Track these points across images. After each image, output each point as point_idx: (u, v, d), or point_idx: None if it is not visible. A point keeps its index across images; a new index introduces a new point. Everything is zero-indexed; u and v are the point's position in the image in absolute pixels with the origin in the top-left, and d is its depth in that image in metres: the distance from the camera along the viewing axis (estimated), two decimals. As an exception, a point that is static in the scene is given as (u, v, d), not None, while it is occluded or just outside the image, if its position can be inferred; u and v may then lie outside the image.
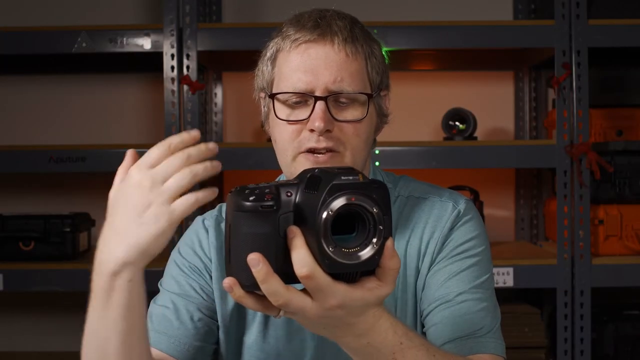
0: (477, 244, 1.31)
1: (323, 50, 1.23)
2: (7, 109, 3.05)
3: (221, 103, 3.05)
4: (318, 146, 1.23)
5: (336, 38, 1.24)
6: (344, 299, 0.91)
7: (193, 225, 1.38)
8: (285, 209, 0.92)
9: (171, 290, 1.32)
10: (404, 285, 1.29)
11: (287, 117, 1.25)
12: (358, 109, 1.26)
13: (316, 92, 1.23)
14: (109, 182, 1.06)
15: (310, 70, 1.23)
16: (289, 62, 1.25)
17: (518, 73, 3.05)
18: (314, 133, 1.23)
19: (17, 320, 3.04)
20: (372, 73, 1.28)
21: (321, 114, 1.22)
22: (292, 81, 1.24)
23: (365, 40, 1.28)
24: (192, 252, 1.34)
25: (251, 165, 2.44)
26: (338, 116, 1.24)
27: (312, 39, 1.24)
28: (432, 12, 2.96)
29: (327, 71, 1.22)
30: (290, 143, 1.25)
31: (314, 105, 1.23)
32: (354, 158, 1.26)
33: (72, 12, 3.00)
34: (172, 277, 1.34)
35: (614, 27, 2.48)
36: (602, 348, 2.59)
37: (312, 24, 1.25)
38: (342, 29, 1.25)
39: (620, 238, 2.56)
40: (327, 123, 1.22)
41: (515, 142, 2.90)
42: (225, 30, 2.54)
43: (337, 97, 1.24)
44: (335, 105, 1.24)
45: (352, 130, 1.25)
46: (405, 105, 3.02)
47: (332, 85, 1.23)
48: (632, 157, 2.54)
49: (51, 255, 2.55)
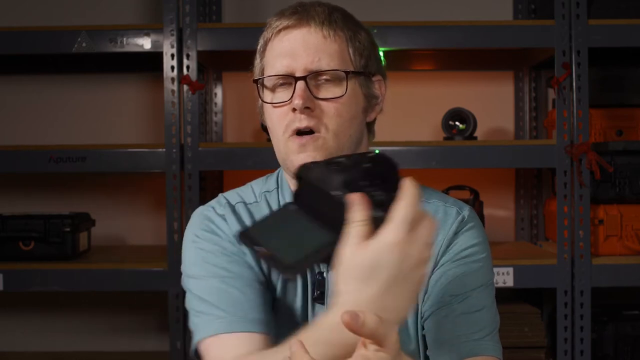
0: (480, 250, 1.31)
1: (300, 33, 1.28)
2: (7, 109, 3.05)
3: (221, 103, 3.05)
4: (300, 125, 1.26)
5: (312, 22, 1.28)
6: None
7: (200, 219, 1.34)
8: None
9: (223, 277, 1.26)
10: None
11: (272, 100, 1.30)
12: (338, 87, 1.28)
13: (296, 74, 1.27)
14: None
15: (290, 53, 1.28)
16: (272, 50, 1.31)
17: (518, 73, 3.05)
18: (297, 112, 1.26)
19: (17, 320, 3.04)
20: (355, 55, 1.31)
21: (300, 92, 1.25)
22: (275, 66, 1.29)
23: (346, 25, 1.31)
24: (218, 238, 1.31)
25: (251, 165, 2.44)
26: (318, 94, 1.27)
27: (290, 24, 1.29)
28: (432, 12, 2.96)
29: (304, 52, 1.27)
30: (280, 127, 1.29)
31: (295, 86, 1.27)
32: (338, 139, 1.28)
33: (72, 12, 3.00)
34: (216, 267, 1.28)
35: (614, 27, 2.48)
36: (602, 348, 2.60)
37: (291, 11, 1.30)
38: (319, 14, 1.29)
39: (620, 238, 2.56)
40: (305, 100, 1.25)
41: (515, 142, 2.90)
42: (225, 30, 2.55)
43: (316, 76, 1.27)
44: (316, 84, 1.28)
45: (333, 109, 1.27)
46: (405, 105, 3.02)
47: (311, 65, 1.27)
48: (632, 157, 2.54)
49: (51, 255, 2.55)
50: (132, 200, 3.04)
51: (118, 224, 3.04)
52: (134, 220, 3.04)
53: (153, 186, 3.03)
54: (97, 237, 2.88)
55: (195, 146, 2.48)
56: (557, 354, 2.49)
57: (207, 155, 2.49)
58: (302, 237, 1.04)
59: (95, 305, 3.02)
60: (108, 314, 3.04)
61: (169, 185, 2.49)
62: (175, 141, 2.48)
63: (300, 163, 1.23)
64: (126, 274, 2.50)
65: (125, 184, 3.04)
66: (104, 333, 3.02)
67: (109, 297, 3.00)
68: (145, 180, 3.04)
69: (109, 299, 3.01)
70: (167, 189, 2.49)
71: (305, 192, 1.08)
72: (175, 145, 2.48)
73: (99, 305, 3.02)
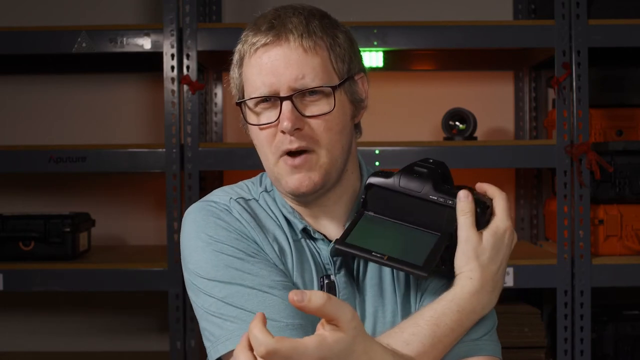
0: None
1: (280, 50, 1.23)
2: (7, 109, 3.05)
3: (221, 103, 3.06)
4: (291, 147, 1.23)
5: (291, 36, 1.23)
6: (320, 352, 0.94)
7: (207, 216, 1.28)
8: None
9: (251, 285, 1.21)
10: (407, 286, 1.30)
11: (258, 122, 1.26)
12: (325, 103, 1.24)
13: (280, 93, 1.23)
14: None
15: (271, 72, 1.22)
16: (251, 67, 1.25)
17: (518, 73, 3.05)
18: (286, 134, 1.23)
19: (17, 320, 3.05)
20: (337, 63, 1.27)
21: (288, 114, 1.21)
22: (256, 86, 1.24)
23: (324, 31, 1.26)
24: (236, 240, 1.26)
25: (251, 165, 2.44)
26: (306, 112, 1.23)
27: (268, 42, 1.23)
28: (432, 12, 2.96)
29: (287, 70, 1.22)
30: (268, 148, 1.26)
31: (281, 106, 1.22)
32: (331, 154, 1.25)
33: (72, 12, 3.01)
34: (243, 273, 1.23)
35: (614, 27, 2.48)
36: (602, 348, 2.60)
37: (267, 26, 1.24)
38: (297, 26, 1.24)
39: (620, 238, 2.56)
40: (295, 121, 1.22)
41: (515, 142, 2.90)
42: (225, 30, 2.54)
43: (303, 94, 1.23)
44: (302, 102, 1.23)
45: (322, 125, 1.24)
46: (405, 105, 3.02)
47: (295, 83, 1.22)
48: (632, 157, 2.54)
49: (51, 255, 2.55)
50: (132, 200, 3.04)
51: (118, 224, 3.04)
52: (134, 220, 3.04)
53: (153, 186, 3.03)
54: (97, 237, 2.88)
55: (195, 146, 2.48)
56: (557, 354, 2.50)
57: (207, 155, 2.49)
58: (413, 239, 1.21)
59: (95, 305, 3.02)
60: (108, 314, 3.04)
61: (169, 185, 2.49)
62: (175, 141, 2.49)
63: (295, 184, 1.24)
64: (126, 274, 2.50)
65: (125, 184, 3.04)
66: (104, 333, 3.02)
67: (109, 297, 3.01)
68: (145, 180, 3.04)
69: (109, 299, 3.01)
70: (167, 189, 2.49)
71: (385, 199, 1.24)
72: (175, 145, 2.48)
73: (99, 305, 3.02)
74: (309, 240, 1.30)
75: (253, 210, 1.31)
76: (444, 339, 1.16)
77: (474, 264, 1.19)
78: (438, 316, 1.16)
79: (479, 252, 1.19)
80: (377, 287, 1.29)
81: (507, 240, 1.23)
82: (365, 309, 1.28)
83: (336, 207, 1.31)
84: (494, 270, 1.21)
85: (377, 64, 2.80)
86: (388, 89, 3.00)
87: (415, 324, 1.16)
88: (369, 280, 1.29)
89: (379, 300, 1.28)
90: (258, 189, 1.35)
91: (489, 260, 1.20)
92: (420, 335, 1.15)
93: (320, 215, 1.31)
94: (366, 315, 1.28)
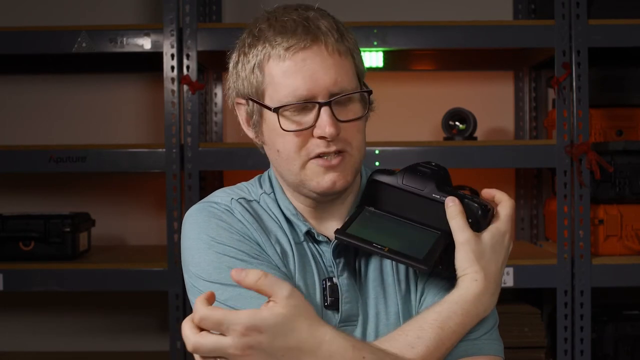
0: None
1: (319, 54, 1.21)
2: (7, 109, 3.05)
3: (221, 103, 3.06)
4: (328, 150, 1.22)
5: (329, 40, 1.22)
6: (251, 320, 0.98)
7: (208, 217, 1.28)
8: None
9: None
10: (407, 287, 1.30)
11: (290, 127, 1.22)
12: (358, 106, 1.25)
13: (318, 98, 1.21)
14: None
15: (309, 76, 1.20)
16: (284, 71, 1.22)
17: (518, 73, 3.05)
18: (323, 139, 1.21)
19: (17, 320, 3.05)
20: (360, 66, 1.28)
21: (329, 120, 1.20)
22: (290, 90, 1.21)
23: (349, 35, 1.27)
24: (239, 242, 1.25)
25: (251, 165, 2.44)
26: (342, 117, 1.22)
27: (306, 46, 1.21)
28: (432, 12, 2.96)
29: (326, 75, 1.21)
30: (297, 153, 1.23)
31: (319, 112, 1.21)
32: (360, 155, 1.27)
33: (72, 12, 3.01)
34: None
35: (614, 27, 2.48)
36: (602, 348, 2.60)
37: (302, 30, 1.21)
38: (330, 30, 1.23)
39: (620, 238, 2.56)
40: (337, 128, 1.21)
41: (515, 142, 2.90)
42: (225, 30, 2.54)
43: (339, 98, 1.22)
44: (338, 107, 1.22)
45: (355, 128, 1.25)
46: (405, 105, 3.02)
47: (334, 88, 1.21)
48: (632, 157, 2.54)
49: (51, 255, 2.56)
50: (132, 200, 3.04)
51: (118, 224, 3.04)
52: (134, 220, 3.04)
53: (153, 186, 3.03)
54: (97, 237, 2.88)
55: (195, 146, 2.48)
56: (557, 354, 2.50)
57: (207, 155, 2.49)
58: (413, 235, 1.23)
59: (95, 305, 3.02)
60: (108, 314, 3.04)
61: (169, 185, 2.49)
62: (175, 141, 2.48)
63: (329, 183, 1.23)
64: (126, 274, 2.50)
65: (125, 184, 3.04)
66: (104, 333, 3.02)
67: (109, 297, 3.01)
68: (145, 180, 3.04)
69: (109, 299, 3.01)
70: (167, 189, 2.49)
71: (386, 196, 1.26)
72: (175, 145, 2.48)
73: (99, 305, 3.02)
74: (312, 243, 1.30)
75: (255, 211, 1.30)
76: (447, 342, 1.17)
77: (478, 266, 1.20)
78: (442, 319, 1.17)
79: (480, 253, 1.20)
80: (380, 289, 1.29)
81: (507, 242, 1.25)
82: (367, 311, 1.28)
83: (341, 206, 1.32)
84: (495, 271, 1.22)
85: (377, 64, 2.80)
86: (388, 89, 3.00)
87: (419, 328, 1.16)
88: (372, 282, 1.29)
89: (382, 302, 1.28)
90: (258, 190, 1.35)
91: (490, 262, 1.21)
92: (425, 338, 1.15)
93: (324, 216, 1.31)
94: (369, 317, 1.28)
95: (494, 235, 1.23)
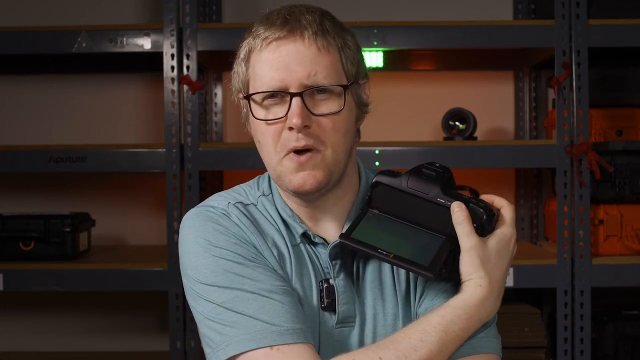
0: None
1: (294, 45, 1.22)
2: (7, 109, 3.05)
3: (221, 103, 3.06)
4: (298, 145, 1.22)
5: (306, 32, 1.22)
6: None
7: (205, 221, 1.28)
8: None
9: (253, 290, 1.21)
10: (407, 289, 1.30)
11: (265, 117, 1.24)
12: (335, 102, 1.24)
13: (291, 89, 1.22)
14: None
15: (283, 67, 1.21)
16: (261, 62, 1.24)
17: (518, 73, 3.05)
18: (293, 131, 1.22)
19: (17, 320, 3.05)
20: (347, 64, 1.26)
21: (298, 110, 1.21)
22: (265, 80, 1.23)
23: (336, 32, 1.26)
24: (235, 245, 1.25)
25: (251, 165, 2.44)
26: (315, 110, 1.22)
27: (281, 36, 1.22)
28: (432, 12, 2.96)
29: (299, 66, 1.21)
30: (274, 146, 1.24)
31: (290, 102, 1.22)
32: (335, 154, 1.25)
33: (72, 12, 3.01)
34: (243, 278, 1.22)
35: (614, 27, 2.48)
36: (602, 348, 2.59)
37: (281, 21, 1.23)
38: (311, 23, 1.23)
39: (620, 238, 2.56)
40: (304, 119, 1.21)
41: (515, 142, 2.90)
42: (225, 30, 2.54)
43: (312, 91, 1.22)
44: (312, 100, 1.23)
45: (330, 124, 1.23)
46: (405, 105, 3.02)
47: (307, 80, 1.21)
48: (632, 157, 2.54)
49: (51, 255, 2.56)
50: (132, 200, 3.04)
51: (118, 224, 3.04)
52: (134, 220, 3.05)
53: (153, 186, 3.03)
54: (97, 237, 2.88)
55: (195, 146, 2.48)
56: (557, 354, 2.50)
57: (207, 155, 2.49)
58: (418, 240, 1.23)
59: (95, 305, 3.02)
60: (108, 314, 3.04)
61: (169, 185, 2.49)
62: (175, 141, 2.49)
63: (299, 181, 1.23)
64: (126, 274, 2.50)
65: (125, 184, 3.04)
66: (104, 333, 3.03)
67: (109, 297, 3.01)
68: (145, 180, 3.04)
69: (109, 299, 3.01)
70: (167, 189, 2.49)
71: (390, 199, 1.26)
72: (175, 145, 2.48)
73: (99, 305, 3.02)
74: (308, 245, 1.30)
75: (252, 215, 1.30)
76: (450, 346, 1.17)
77: (483, 271, 1.20)
78: (446, 323, 1.17)
79: (485, 258, 1.21)
80: (378, 290, 1.29)
81: (512, 247, 1.25)
82: (365, 312, 1.28)
83: (336, 207, 1.31)
84: (499, 276, 1.22)
85: (377, 64, 2.80)
86: (388, 89, 3.00)
87: (423, 331, 1.16)
88: (369, 283, 1.29)
89: (380, 303, 1.28)
90: (256, 192, 1.34)
91: (495, 266, 1.22)
92: (429, 342, 1.15)
93: (320, 217, 1.31)
94: (366, 318, 1.28)
95: (500, 240, 1.23)
